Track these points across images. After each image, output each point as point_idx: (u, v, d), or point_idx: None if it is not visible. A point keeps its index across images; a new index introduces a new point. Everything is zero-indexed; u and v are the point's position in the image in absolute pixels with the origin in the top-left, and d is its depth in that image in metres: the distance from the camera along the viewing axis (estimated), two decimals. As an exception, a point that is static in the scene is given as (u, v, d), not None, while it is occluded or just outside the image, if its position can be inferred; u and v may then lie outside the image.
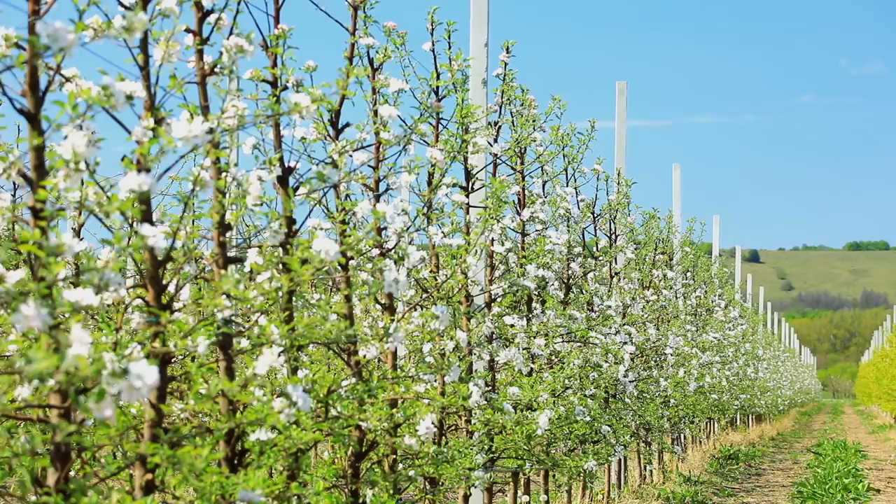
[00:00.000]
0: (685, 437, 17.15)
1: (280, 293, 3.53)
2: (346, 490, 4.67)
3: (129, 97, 2.97)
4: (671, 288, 13.60)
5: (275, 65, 4.11)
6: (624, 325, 10.12)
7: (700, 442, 19.27)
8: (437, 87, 6.12)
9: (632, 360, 9.79)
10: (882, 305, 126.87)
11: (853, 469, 16.80)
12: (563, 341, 7.96)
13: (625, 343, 9.64)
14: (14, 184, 5.69)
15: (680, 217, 15.77)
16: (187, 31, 3.57)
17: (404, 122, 4.98)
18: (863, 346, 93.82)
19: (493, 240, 6.91)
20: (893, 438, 28.73)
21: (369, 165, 4.92)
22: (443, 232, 5.70)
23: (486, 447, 6.68)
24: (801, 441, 27.48)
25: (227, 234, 3.61)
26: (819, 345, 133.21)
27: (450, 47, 6.27)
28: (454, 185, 6.30)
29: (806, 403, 58.90)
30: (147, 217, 3.17)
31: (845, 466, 17.17)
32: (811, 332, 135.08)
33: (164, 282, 3.28)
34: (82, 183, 3.02)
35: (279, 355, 3.47)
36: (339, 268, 4.51)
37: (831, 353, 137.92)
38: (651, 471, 13.64)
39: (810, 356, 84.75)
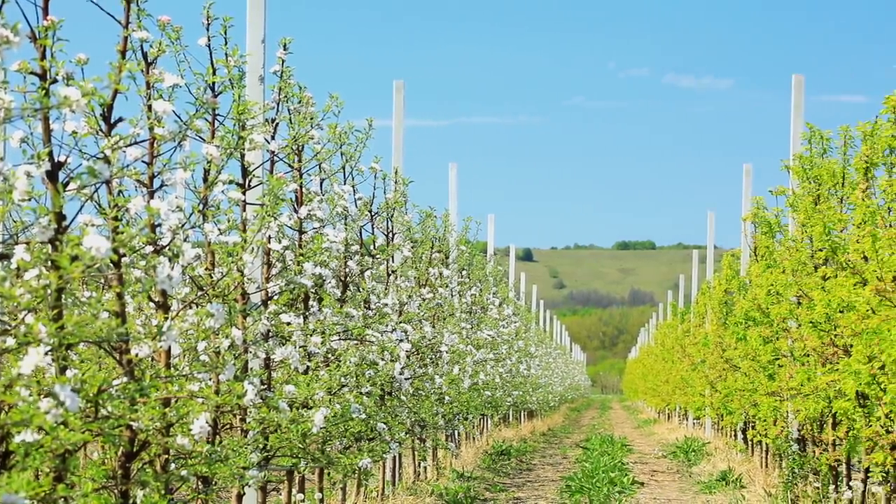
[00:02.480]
0: (459, 434, 17.38)
1: (49, 291, 3.45)
2: (116, 491, 4.58)
3: None
4: (447, 286, 13.77)
5: (44, 57, 4.00)
6: (400, 322, 10.20)
7: (473, 438, 19.56)
8: (214, 83, 6.05)
9: (408, 357, 9.87)
10: (649, 303, 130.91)
11: (619, 463, 17.32)
12: (339, 339, 7.98)
13: (401, 341, 9.71)
14: None
15: (456, 216, 15.98)
16: (-48, 19, 3.45)
17: (179, 117, 4.91)
18: (630, 344, 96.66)
19: (270, 237, 6.88)
20: (658, 433, 29.71)
21: (143, 161, 4.84)
22: (219, 229, 5.64)
23: (261, 446, 6.65)
24: (570, 436, 28.16)
25: (-7, 230, 3.51)
26: (589, 342, 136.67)
27: (226, 43, 6.21)
28: (231, 182, 6.25)
29: (576, 399, 60.37)
30: None
31: (612, 460, 17.68)
32: (581, 329, 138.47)
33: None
34: None
35: (46, 354, 3.38)
36: (112, 265, 4.43)
37: (600, 350, 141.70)
38: (425, 467, 13.79)
39: (580, 353, 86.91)
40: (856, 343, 7.24)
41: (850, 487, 9.62)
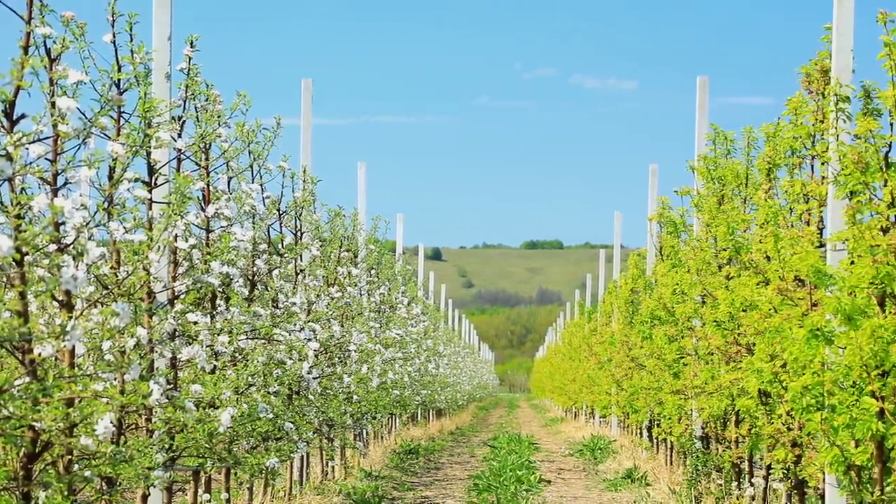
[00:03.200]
0: (367, 433, 17.37)
1: (-51, 290, 3.39)
2: (18, 492, 4.52)
3: None
4: (356, 285, 13.76)
5: (-55, 51, 3.94)
6: (308, 321, 10.17)
7: (382, 437, 19.56)
8: (119, 80, 6.00)
9: (316, 356, 9.84)
10: (556, 303, 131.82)
11: (526, 461, 17.42)
12: (247, 338, 7.94)
13: (309, 340, 9.68)
14: None
15: (365, 215, 15.96)
16: None
17: (84, 114, 4.86)
18: (538, 343, 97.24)
19: (176, 236, 6.83)
20: (565, 431, 29.92)
21: (47, 158, 4.77)
22: (124, 227, 5.59)
23: (167, 446, 6.60)
24: (478, 435, 28.27)
25: None
26: (497, 341, 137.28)
27: (132, 40, 6.15)
28: (136, 180, 6.18)
29: (484, 398, 60.61)
30: None
31: (519, 459, 17.78)
32: (490, 328, 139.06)
33: None
34: None
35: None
36: (14, 263, 4.36)
37: (508, 349, 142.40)
38: (333, 467, 13.76)
39: (489, 352, 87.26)
40: (758, 342, 7.36)
41: (752, 484, 9.77)
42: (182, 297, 6.94)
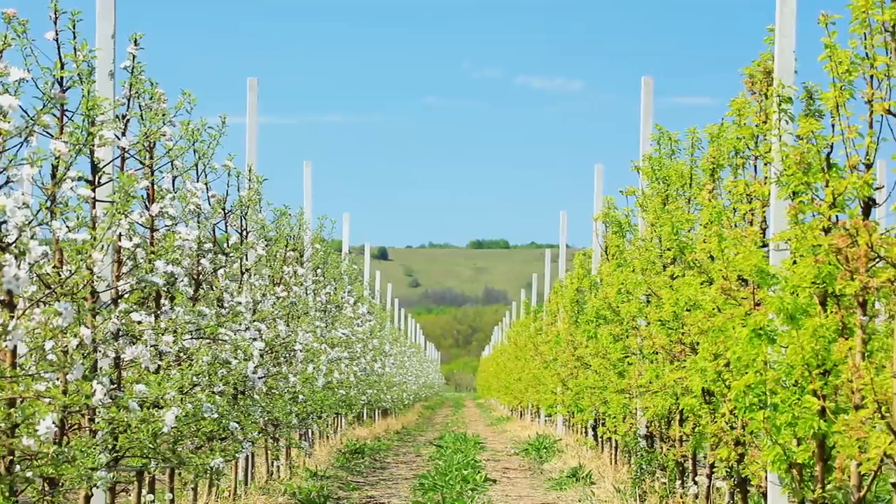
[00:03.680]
0: (313, 433, 17.34)
1: None
2: (-40, 494, 4.48)
3: None
4: (302, 284, 13.72)
5: None
6: (254, 321, 10.13)
7: (328, 437, 19.52)
8: (62, 78, 5.95)
9: (261, 356, 9.80)
10: (502, 302, 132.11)
11: (472, 460, 17.45)
12: (192, 338, 7.90)
13: (254, 339, 9.64)
14: None
15: (311, 214, 15.93)
16: None
17: (26, 112, 4.82)
18: (484, 342, 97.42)
19: (120, 235, 6.78)
20: (511, 430, 30.00)
21: (-12, 156, 4.73)
22: (67, 226, 5.55)
23: (110, 446, 6.55)
24: (424, 434, 28.29)
25: None
26: (443, 340, 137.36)
27: (75, 37, 6.11)
28: (80, 179, 6.14)
29: (430, 397, 60.65)
30: None
31: (465, 458, 17.81)
32: (436, 327, 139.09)
33: None
34: None
35: None
36: (-45, 262, 4.32)
37: (454, 349, 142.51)
38: (279, 466, 13.72)
39: (435, 351, 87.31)
40: (702, 341, 7.41)
41: (695, 483, 9.84)
42: (126, 296, 6.90)
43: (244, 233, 10.80)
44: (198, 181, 8.79)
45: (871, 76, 5.33)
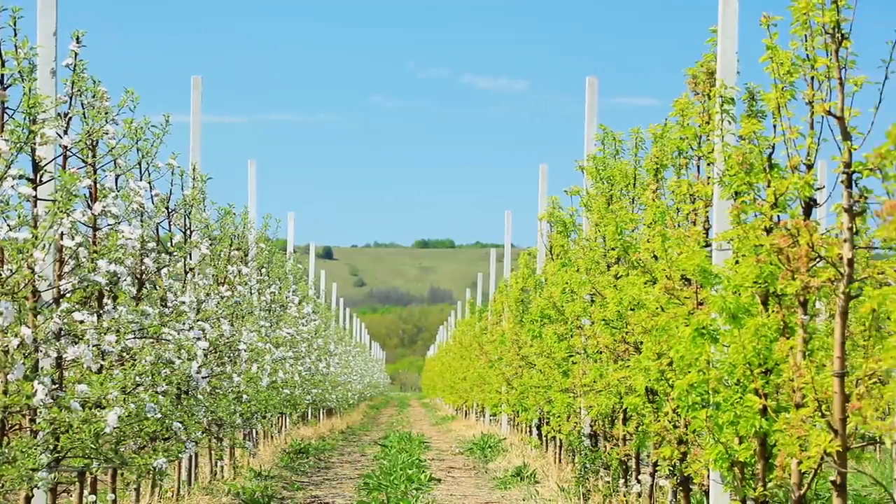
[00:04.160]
0: (257, 433, 17.27)
1: None
2: None
3: None
4: (246, 284, 13.67)
5: None
6: (198, 321, 10.08)
7: (272, 437, 19.46)
8: (3, 76, 5.89)
9: (205, 356, 9.75)
10: (447, 302, 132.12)
11: (417, 460, 17.45)
12: (135, 338, 7.85)
13: (198, 339, 9.59)
14: None
15: (256, 213, 15.87)
16: None
17: (-33, 109, 4.76)
18: (429, 341, 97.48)
19: (62, 234, 6.73)
20: (455, 429, 30.04)
21: (-72, 154, 4.68)
22: (8, 225, 5.50)
23: (52, 446, 6.50)
24: (369, 434, 28.27)
25: None
26: (389, 340, 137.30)
27: (16, 34, 6.06)
28: (21, 177, 6.08)
29: (375, 397, 60.61)
30: None
31: (410, 458, 17.81)
32: (381, 327, 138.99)
33: None
34: None
35: None
36: None
37: (400, 348, 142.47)
38: (222, 466, 13.66)
39: (380, 351, 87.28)
40: (646, 340, 7.46)
41: (638, 481, 9.90)
42: (68, 295, 6.84)
43: (188, 232, 10.74)
44: (141, 180, 8.73)
45: (812, 77, 5.38)
